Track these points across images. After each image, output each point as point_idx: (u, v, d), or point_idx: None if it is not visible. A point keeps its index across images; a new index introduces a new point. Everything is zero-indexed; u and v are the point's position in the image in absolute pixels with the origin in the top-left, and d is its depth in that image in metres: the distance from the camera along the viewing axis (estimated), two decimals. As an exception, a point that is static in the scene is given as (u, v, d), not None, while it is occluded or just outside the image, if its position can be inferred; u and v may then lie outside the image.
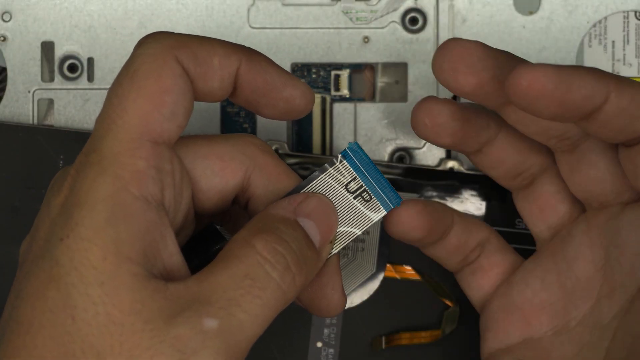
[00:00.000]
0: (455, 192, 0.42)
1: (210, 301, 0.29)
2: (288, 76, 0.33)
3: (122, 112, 0.30)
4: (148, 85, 0.31)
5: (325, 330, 0.41)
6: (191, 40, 0.32)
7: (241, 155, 0.33)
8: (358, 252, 0.41)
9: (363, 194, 0.34)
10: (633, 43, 0.43)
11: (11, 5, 0.43)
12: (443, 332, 0.41)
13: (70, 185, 0.30)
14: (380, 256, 0.41)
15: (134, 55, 0.31)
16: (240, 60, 0.32)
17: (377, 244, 0.41)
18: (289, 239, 0.31)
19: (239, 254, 0.30)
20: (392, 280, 0.41)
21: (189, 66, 0.31)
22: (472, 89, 0.33)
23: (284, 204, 0.33)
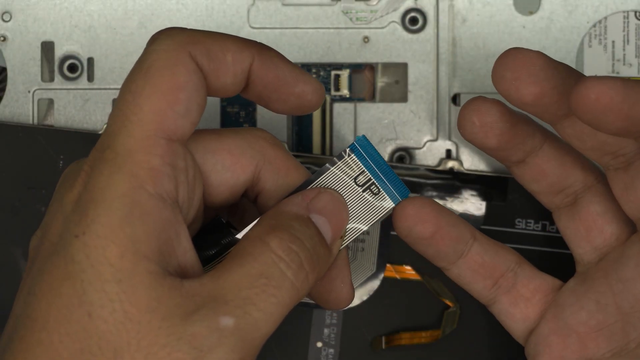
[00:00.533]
0: (455, 192, 0.42)
1: (226, 299, 0.29)
2: (300, 72, 0.34)
3: (136, 109, 0.30)
4: (162, 82, 0.31)
5: (325, 330, 0.41)
6: (204, 36, 0.32)
7: (251, 150, 0.33)
8: (358, 252, 0.41)
9: (372, 187, 0.34)
10: (633, 43, 0.43)
11: (11, 5, 0.43)
12: (443, 332, 0.41)
13: (84, 182, 0.30)
14: (380, 256, 0.41)
15: (147, 51, 0.31)
16: (252, 56, 0.33)
17: (377, 244, 0.41)
18: (303, 237, 0.31)
19: (254, 252, 0.30)
20: (392, 280, 0.41)
21: (202, 62, 0.31)
22: (533, 99, 0.33)
23: (297, 200, 0.33)
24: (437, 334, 0.41)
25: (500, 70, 0.33)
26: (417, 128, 0.43)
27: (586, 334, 0.36)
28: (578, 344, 0.36)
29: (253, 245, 0.31)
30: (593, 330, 0.36)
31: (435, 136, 0.43)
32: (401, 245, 0.41)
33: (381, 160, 0.34)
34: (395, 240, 0.41)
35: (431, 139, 0.43)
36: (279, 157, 0.34)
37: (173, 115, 0.31)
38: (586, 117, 0.30)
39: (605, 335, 0.35)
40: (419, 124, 0.43)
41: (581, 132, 0.33)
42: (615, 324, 0.35)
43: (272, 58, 0.33)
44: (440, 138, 0.43)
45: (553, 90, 0.33)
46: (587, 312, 0.36)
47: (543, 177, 0.36)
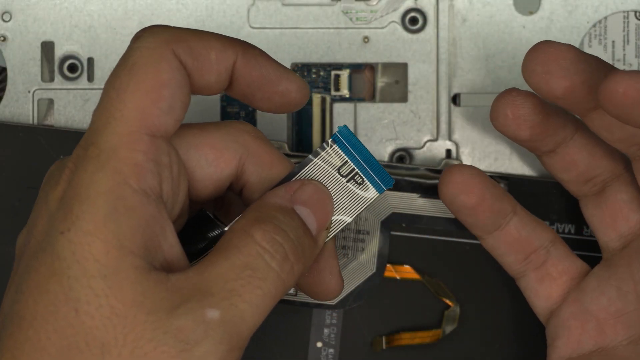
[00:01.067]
0: None
1: (212, 292, 0.29)
2: (284, 70, 0.34)
3: (120, 106, 0.30)
4: (146, 79, 0.31)
5: (325, 330, 0.41)
6: (188, 34, 0.32)
7: (234, 144, 0.34)
8: (358, 252, 0.41)
9: (355, 177, 0.34)
10: (633, 43, 0.43)
11: (11, 5, 0.43)
12: (443, 332, 0.41)
13: (68, 179, 0.30)
14: (380, 256, 0.41)
15: (131, 48, 0.31)
16: (236, 54, 0.33)
17: (377, 244, 0.41)
18: (287, 228, 0.32)
19: (239, 244, 0.31)
20: (392, 280, 0.41)
21: (186, 60, 0.32)
22: (563, 93, 0.33)
23: (281, 193, 0.33)
24: (437, 334, 0.41)
25: (531, 64, 0.33)
26: (417, 128, 0.43)
27: (605, 320, 0.36)
28: (596, 330, 0.36)
29: (237, 238, 0.31)
30: (612, 316, 0.36)
31: (435, 136, 0.43)
32: (401, 245, 0.41)
33: (364, 150, 0.34)
34: (395, 240, 0.41)
35: (431, 139, 0.43)
36: (262, 150, 0.34)
37: (156, 112, 0.31)
38: (615, 111, 0.30)
39: (624, 322, 0.36)
40: (419, 124, 0.43)
41: (609, 125, 0.33)
42: (634, 312, 0.35)
43: (256, 56, 0.33)
44: (440, 138, 0.43)
45: (583, 84, 0.33)
46: (608, 298, 0.36)
47: (573, 166, 0.37)
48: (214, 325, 0.29)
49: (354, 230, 0.41)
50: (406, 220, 0.41)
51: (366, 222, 0.41)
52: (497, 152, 0.43)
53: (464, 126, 0.43)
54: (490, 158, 0.43)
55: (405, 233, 0.41)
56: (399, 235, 0.41)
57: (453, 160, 0.42)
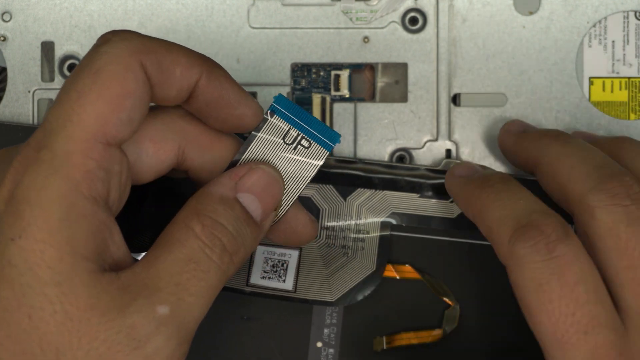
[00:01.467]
0: None
1: (160, 287, 0.30)
2: (243, 94, 0.34)
3: (79, 109, 0.30)
4: (110, 87, 0.31)
5: (325, 330, 0.41)
6: (157, 46, 0.32)
7: (172, 134, 0.34)
8: (358, 251, 0.41)
9: (302, 142, 0.35)
10: (633, 43, 0.43)
11: (11, 5, 0.43)
12: (444, 331, 0.41)
13: (14, 179, 0.30)
14: (380, 255, 0.41)
15: (98, 52, 0.31)
16: (201, 72, 0.33)
17: (377, 243, 0.41)
18: (226, 221, 0.32)
19: (181, 238, 0.31)
20: (392, 279, 0.41)
21: (151, 73, 0.32)
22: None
23: (225, 181, 0.34)
24: (438, 334, 0.41)
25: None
26: (417, 128, 0.43)
27: None
28: None
29: (179, 231, 0.32)
30: None
31: (435, 136, 0.43)
32: (401, 245, 0.41)
33: (304, 113, 0.35)
34: (395, 240, 0.41)
35: (431, 139, 0.43)
36: (199, 133, 0.35)
37: (115, 122, 0.31)
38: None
39: None
40: (419, 124, 0.43)
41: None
42: None
43: (220, 77, 0.34)
44: (440, 138, 0.43)
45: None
46: None
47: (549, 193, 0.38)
48: (164, 320, 0.30)
49: (354, 230, 0.41)
50: (406, 220, 0.41)
51: (366, 222, 0.41)
52: (496, 152, 0.43)
53: (464, 126, 0.43)
54: (490, 158, 0.43)
55: (405, 233, 0.41)
56: (399, 235, 0.41)
57: (453, 159, 0.42)
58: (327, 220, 0.41)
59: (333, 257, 0.41)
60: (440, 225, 0.41)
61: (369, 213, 0.41)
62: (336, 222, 0.41)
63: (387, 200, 0.41)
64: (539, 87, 0.43)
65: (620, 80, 0.43)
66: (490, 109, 0.43)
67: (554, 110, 0.43)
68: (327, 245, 0.41)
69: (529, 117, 0.43)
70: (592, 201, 0.35)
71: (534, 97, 0.43)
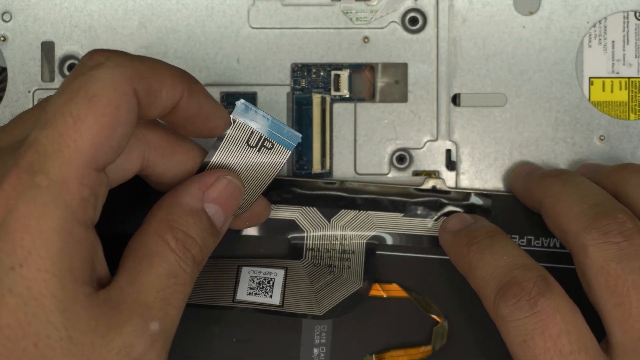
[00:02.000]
0: (440, 208, 0.42)
1: (149, 304, 0.32)
2: (217, 107, 0.36)
3: (75, 135, 0.31)
4: (105, 114, 0.31)
5: (315, 350, 0.41)
6: (148, 70, 0.33)
7: (137, 143, 0.35)
8: (344, 269, 0.41)
9: (265, 144, 0.37)
10: (633, 43, 0.43)
11: (11, 5, 0.43)
12: (433, 348, 0.41)
13: (5, 204, 0.30)
14: (366, 273, 0.41)
15: (93, 77, 0.31)
16: (183, 91, 0.34)
17: (363, 262, 0.41)
18: (196, 233, 0.35)
19: (159, 252, 0.33)
20: (379, 298, 0.41)
21: (142, 98, 0.32)
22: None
23: (193, 191, 0.35)
24: (427, 350, 0.41)
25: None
26: (417, 128, 0.43)
27: None
28: None
29: (156, 244, 0.33)
30: None
31: (435, 136, 0.43)
32: (387, 263, 0.41)
33: (266, 116, 0.36)
34: (381, 259, 0.41)
35: (431, 139, 0.43)
36: (161, 139, 0.36)
37: (108, 149, 0.31)
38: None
39: None
40: (419, 124, 0.43)
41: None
42: None
43: (199, 94, 0.35)
44: (440, 138, 0.43)
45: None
46: None
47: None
48: (156, 336, 0.32)
49: (340, 251, 0.41)
50: (391, 239, 0.41)
51: (351, 242, 0.41)
52: (496, 152, 0.43)
53: (464, 126, 0.43)
54: (490, 158, 0.43)
55: (390, 252, 0.42)
56: (385, 254, 0.41)
57: (437, 179, 0.42)
58: (312, 242, 0.41)
59: (319, 275, 0.41)
60: (425, 243, 0.41)
61: (353, 234, 0.41)
62: (321, 244, 0.41)
63: (371, 221, 0.41)
64: (539, 87, 0.43)
65: (620, 80, 0.43)
66: (490, 109, 0.43)
67: (554, 110, 0.43)
68: (312, 264, 0.41)
69: (529, 117, 0.43)
70: (585, 240, 0.36)
71: (534, 97, 0.43)
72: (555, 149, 0.43)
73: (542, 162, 0.43)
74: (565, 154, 0.43)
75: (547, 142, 0.43)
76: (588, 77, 0.43)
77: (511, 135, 0.43)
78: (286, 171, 0.42)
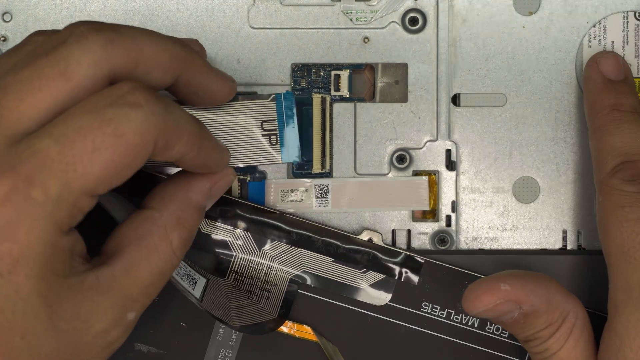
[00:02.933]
0: (369, 262, 0.42)
1: (133, 297, 0.33)
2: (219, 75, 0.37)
3: (88, 163, 0.31)
4: (124, 157, 0.32)
5: (221, 351, 0.41)
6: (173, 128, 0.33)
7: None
8: (262, 299, 0.41)
9: (272, 137, 0.38)
10: (633, 43, 0.43)
11: (12, 6, 0.43)
12: None
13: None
14: (283, 307, 0.41)
15: (128, 116, 0.32)
16: (194, 145, 0.35)
17: (283, 297, 0.41)
18: (195, 229, 0.36)
19: (159, 249, 0.34)
20: (290, 337, 0.41)
21: (157, 149, 0.33)
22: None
23: (205, 188, 0.37)
24: None
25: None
26: (417, 128, 0.43)
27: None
28: None
29: (160, 240, 0.35)
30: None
31: (435, 136, 0.43)
32: (305, 304, 0.41)
33: (294, 122, 0.37)
34: (301, 299, 0.41)
35: (431, 139, 0.43)
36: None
37: (108, 185, 0.32)
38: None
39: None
40: (419, 124, 0.43)
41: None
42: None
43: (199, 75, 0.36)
44: (440, 138, 0.43)
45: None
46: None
47: None
48: (130, 324, 0.34)
49: (263, 280, 0.41)
50: (315, 282, 0.41)
51: (276, 274, 0.41)
52: (496, 152, 0.43)
53: (464, 126, 0.43)
54: (490, 158, 0.43)
55: (312, 293, 0.41)
56: (306, 295, 0.41)
57: (375, 232, 0.42)
58: (238, 266, 0.41)
59: (237, 296, 0.41)
60: (347, 293, 0.41)
61: (280, 267, 0.41)
62: (246, 270, 0.41)
63: (301, 258, 0.41)
64: (539, 87, 0.43)
65: (620, 80, 0.43)
66: (490, 109, 0.43)
67: (553, 110, 0.43)
68: (233, 286, 0.41)
69: (529, 117, 0.43)
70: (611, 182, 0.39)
71: (534, 97, 0.43)
72: (555, 149, 0.43)
73: (542, 162, 0.43)
74: (565, 154, 0.43)
75: (547, 142, 0.43)
76: (588, 77, 0.43)
77: (511, 135, 0.43)
78: (286, 171, 0.42)
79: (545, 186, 0.43)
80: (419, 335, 0.41)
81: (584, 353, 0.37)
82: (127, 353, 0.41)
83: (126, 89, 0.32)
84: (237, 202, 0.41)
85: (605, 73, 0.41)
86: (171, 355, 0.41)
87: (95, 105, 0.31)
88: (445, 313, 0.41)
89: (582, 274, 0.42)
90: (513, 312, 0.37)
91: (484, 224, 0.43)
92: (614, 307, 0.37)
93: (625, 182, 0.38)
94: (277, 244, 0.41)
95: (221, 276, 0.41)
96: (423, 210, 0.43)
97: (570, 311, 0.37)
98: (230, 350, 0.41)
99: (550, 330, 0.37)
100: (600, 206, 0.38)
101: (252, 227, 0.41)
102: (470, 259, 0.42)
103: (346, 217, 0.43)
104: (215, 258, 0.41)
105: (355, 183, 0.42)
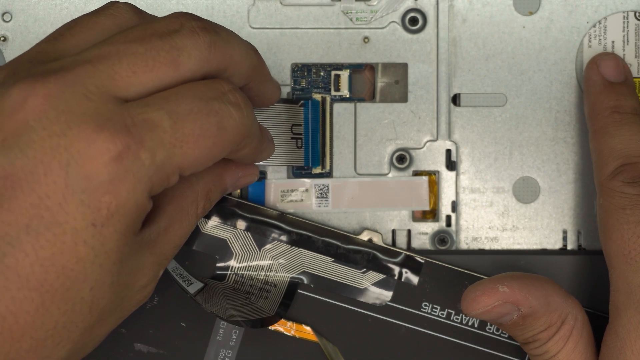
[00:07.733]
0: (369, 262, 0.42)
1: (167, 255, 0.36)
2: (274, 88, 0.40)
3: (117, 202, 0.32)
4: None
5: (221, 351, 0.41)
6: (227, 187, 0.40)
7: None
8: (261, 299, 0.41)
9: (298, 141, 0.39)
10: (633, 43, 0.43)
11: (12, 6, 0.43)
12: None
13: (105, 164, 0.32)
14: (281, 306, 0.41)
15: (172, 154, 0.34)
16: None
17: (282, 297, 0.41)
18: (211, 208, 0.39)
19: (189, 212, 0.37)
20: (290, 337, 0.41)
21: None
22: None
23: (236, 175, 0.39)
24: None
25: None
26: (417, 128, 0.43)
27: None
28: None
29: (192, 204, 0.37)
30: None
31: (435, 136, 0.43)
32: (305, 304, 0.41)
33: (317, 130, 0.39)
34: (301, 299, 0.41)
35: (431, 139, 0.43)
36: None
37: (198, 169, 0.35)
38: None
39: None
40: (419, 124, 0.43)
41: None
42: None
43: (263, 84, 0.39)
44: (440, 138, 0.43)
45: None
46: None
47: None
48: (158, 278, 0.36)
49: (262, 281, 0.41)
50: (315, 282, 0.41)
51: (276, 275, 0.41)
52: (496, 152, 0.43)
53: (464, 126, 0.43)
54: (490, 158, 0.43)
55: (311, 293, 0.41)
56: (305, 295, 0.41)
57: (375, 233, 0.42)
58: (239, 266, 0.41)
59: (235, 297, 0.41)
60: (347, 293, 0.41)
61: (280, 267, 0.41)
62: (246, 271, 0.41)
63: (301, 258, 0.41)
64: (539, 87, 0.43)
65: (620, 80, 0.43)
66: (490, 109, 0.43)
67: (553, 110, 0.43)
68: (232, 288, 0.41)
69: (529, 117, 0.43)
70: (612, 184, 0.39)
71: (534, 97, 0.43)
72: (556, 149, 0.43)
73: (542, 162, 0.43)
74: (565, 154, 0.43)
75: (547, 142, 0.43)
76: (588, 77, 0.43)
77: (511, 135, 0.43)
78: (286, 171, 0.42)
79: (545, 186, 0.43)
80: (419, 336, 0.41)
81: (584, 355, 0.37)
82: (127, 353, 0.41)
83: (227, 87, 0.34)
84: (237, 202, 0.41)
85: (605, 75, 0.41)
86: (171, 355, 0.41)
87: (204, 94, 0.34)
88: (445, 313, 0.41)
89: (583, 274, 0.42)
90: (512, 314, 0.37)
91: (484, 224, 0.43)
92: (615, 309, 0.37)
93: (625, 184, 0.38)
94: (277, 244, 0.41)
95: (220, 280, 0.41)
96: (423, 210, 0.43)
97: (570, 313, 0.37)
98: (230, 350, 0.41)
99: (550, 332, 0.37)
100: (600, 208, 0.39)
101: (252, 227, 0.41)
102: (470, 259, 0.42)
103: (346, 217, 0.43)
104: (213, 270, 0.41)
105: (355, 183, 0.42)
